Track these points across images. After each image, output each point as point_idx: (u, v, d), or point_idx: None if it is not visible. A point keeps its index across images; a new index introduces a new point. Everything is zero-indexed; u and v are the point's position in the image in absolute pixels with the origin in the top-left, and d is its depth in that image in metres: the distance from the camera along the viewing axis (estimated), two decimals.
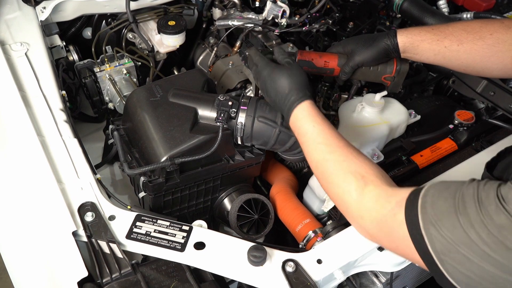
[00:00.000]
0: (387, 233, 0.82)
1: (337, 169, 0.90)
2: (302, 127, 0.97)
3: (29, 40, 1.34)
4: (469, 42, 1.02)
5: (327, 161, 0.92)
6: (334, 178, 0.90)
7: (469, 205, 0.69)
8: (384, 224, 0.81)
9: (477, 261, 0.67)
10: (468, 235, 0.67)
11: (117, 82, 1.48)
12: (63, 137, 1.11)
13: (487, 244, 0.66)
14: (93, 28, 1.63)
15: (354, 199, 0.86)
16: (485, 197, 0.68)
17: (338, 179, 0.89)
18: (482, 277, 0.68)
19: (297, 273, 0.92)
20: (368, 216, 0.84)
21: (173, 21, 1.45)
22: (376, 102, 1.21)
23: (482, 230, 0.66)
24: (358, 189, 0.85)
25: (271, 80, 1.02)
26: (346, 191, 0.87)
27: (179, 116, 1.13)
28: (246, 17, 1.61)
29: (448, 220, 0.70)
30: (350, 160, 0.89)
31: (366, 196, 0.84)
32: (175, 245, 0.94)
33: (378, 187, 0.84)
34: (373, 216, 0.83)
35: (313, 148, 0.95)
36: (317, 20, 1.57)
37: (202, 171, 1.14)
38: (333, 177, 0.90)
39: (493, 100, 1.29)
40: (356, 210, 0.86)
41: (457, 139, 1.29)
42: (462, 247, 0.68)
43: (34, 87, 1.21)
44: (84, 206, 0.98)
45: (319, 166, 0.94)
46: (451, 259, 0.70)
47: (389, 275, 1.08)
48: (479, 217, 0.67)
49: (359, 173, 0.87)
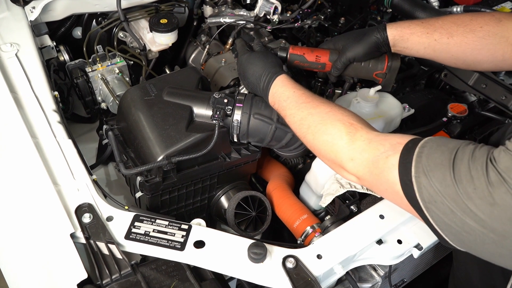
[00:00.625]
0: (376, 175, 0.82)
1: (325, 119, 0.91)
2: (282, 94, 1.00)
3: (19, 40, 1.32)
4: (459, 35, 1.03)
5: (312, 114, 0.94)
6: (322, 127, 0.91)
7: (462, 162, 0.71)
8: (375, 165, 0.82)
9: (460, 215, 0.70)
10: (455, 189, 0.70)
11: (109, 81, 1.47)
12: (57, 138, 1.09)
13: (471, 199, 0.68)
14: (83, 27, 1.61)
15: (345, 141, 0.87)
16: (478, 156, 0.70)
17: (326, 127, 0.91)
18: (463, 229, 0.71)
19: (297, 269, 0.92)
20: (359, 157, 0.85)
21: (165, 19, 1.44)
22: (371, 97, 1.21)
23: (469, 186, 0.69)
24: (349, 133, 0.86)
25: (248, 64, 1.08)
26: (337, 136, 0.88)
27: (174, 115, 1.12)
28: (237, 14, 1.60)
29: (440, 172, 0.72)
30: (335, 111, 0.92)
31: (358, 139, 0.85)
32: (175, 244, 0.93)
33: (370, 132, 0.86)
34: (365, 157, 0.83)
35: (296, 107, 0.97)
36: (309, 16, 1.57)
37: (198, 169, 1.14)
38: (321, 126, 0.91)
39: (485, 93, 1.31)
40: (347, 153, 0.87)
41: (451, 131, 1.30)
42: (448, 200, 0.71)
43: (26, 89, 1.19)
44: (81, 207, 0.97)
45: (304, 122, 0.95)
46: (437, 208, 0.73)
47: (388, 268, 1.09)
48: (469, 173, 0.69)
49: (348, 121, 0.88)
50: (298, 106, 0.97)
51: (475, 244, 0.72)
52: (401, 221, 1.03)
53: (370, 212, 1.05)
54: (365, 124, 0.89)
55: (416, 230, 1.04)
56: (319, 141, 0.92)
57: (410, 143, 0.78)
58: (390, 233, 1.03)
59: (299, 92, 0.99)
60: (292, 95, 0.99)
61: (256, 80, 1.07)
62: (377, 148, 0.82)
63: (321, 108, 0.94)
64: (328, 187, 1.14)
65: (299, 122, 0.97)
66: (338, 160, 0.89)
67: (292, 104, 0.98)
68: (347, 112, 0.92)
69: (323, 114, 0.92)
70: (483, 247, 0.71)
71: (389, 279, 1.11)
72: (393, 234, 1.03)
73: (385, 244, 1.01)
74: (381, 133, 0.87)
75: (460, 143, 0.74)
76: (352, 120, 0.89)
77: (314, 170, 1.20)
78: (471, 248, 0.73)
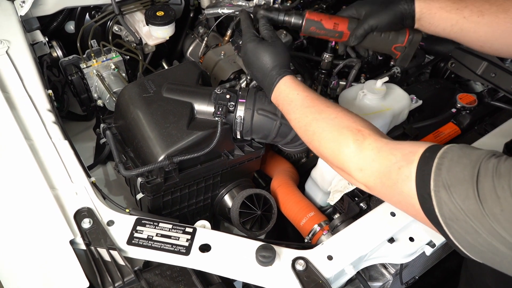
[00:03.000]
0: (389, 186, 0.77)
1: (331, 125, 0.86)
2: (286, 97, 0.95)
3: (9, 37, 1.27)
4: (491, 14, 0.94)
5: (317, 120, 0.89)
6: (328, 134, 0.86)
7: (486, 178, 0.65)
8: (387, 176, 0.77)
9: (485, 236, 0.65)
10: (480, 209, 0.64)
11: (105, 77, 1.42)
12: (53, 140, 1.04)
13: (498, 221, 0.63)
14: (76, 21, 1.56)
15: (352, 151, 0.81)
16: (503, 173, 0.64)
17: (332, 134, 0.85)
18: (488, 249, 0.66)
19: (307, 271, 0.89)
20: (369, 167, 0.80)
21: (161, 11, 1.38)
22: (378, 89, 1.17)
23: (495, 206, 0.63)
24: (357, 141, 0.81)
25: (254, 55, 1.00)
26: (344, 144, 0.83)
27: (174, 112, 1.08)
28: (236, 4, 1.55)
29: (462, 188, 0.66)
30: (342, 117, 0.86)
31: (366, 147, 0.80)
32: (180, 248, 0.90)
33: (378, 140, 0.80)
34: (375, 167, 0.79)
35: (301, 112, 0.92)
36: (310, 4, 1.52)
37: (201, 168, 1.10)
38: (326, 133, 0.86)
39: (495, 82, 1.26)
40: (355, 162, 0.82)
41: (460, 123, 1.26)
42: (472, 219, 0.65)
43: (18, 88, 1.14)
44: (80, 212, 0.93)
45: (309, 128, 0.91)
46: (459, 226, 0.67)
47: (398, 266, 1.06)
48: (494, 192, 0.64)
49: (355, 128, 0.83)
50: (303, 111, 0.92)
51: (501, 263, 0.67)
52: (412, 218, 0.99)
53: (381, 209, 1.01)
54: (374, 131, 0.83)
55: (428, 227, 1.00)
56: (326, 148, 0.87)
57: (427, 152, 0.73)
58: (402, 231, 0.99)
59: (303, 94, 0.93)
60: (296, 97, 0.93)
61: (261, 76, 1.00)
62: (387, 158, 0.77)
63: (327, 113, 0.88)
64: (336, 184, 1.11)
65: (304, 128, 0.92)
66: (346, 169, 0.84)
67: (297, 107, 0.93)
68: (355, 117, 0.87)
69: (329, 120, 0.87)
70: (511, 267, 0.67)
71: (400, 277, 1.09)
72: (404, 231, 1.00)
73: (397, 242, 0.98)
74: (390, 140, 0.81)
75: (482, 155, 0.68)
76: (360, 126, 0.83)
77: (320, 166, 1.17)
78: (496, 265, 0.69)
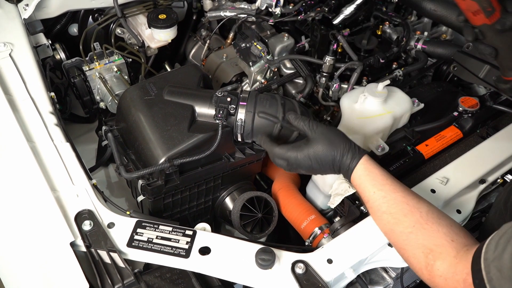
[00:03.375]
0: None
1: (405, 244, 0.87)
2: (363, 193, 0.94)
3: (12, 40, 1.28)
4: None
5: (394, 233, 0.89)
6: (404, 253, 0.88)
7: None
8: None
9: None
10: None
11: (107, 80, 1.42)
12: (55, 142, 1.05)
13: None
14: (79, 24, 1.57)
15: (426, 277, 0.84)
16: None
17: (407, 254, 0.87)
18: None
19: (307, 274, 0.89)
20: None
21: (163, 14, 1.39)
22: (379, 92, 1.17)
23: None
24: (428, 267, 0.83)
25: (316, 160, 0.96)
26: (418, 269, 0.85)
27: (175, 115, 1.08)
28: (238, 7, 1.56)
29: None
30: (417, 231, 0.86)
31: (436, 276, 0.82)
32: (179, 251, 0.90)
33: (445, 261, 0.81)
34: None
35: (379, 217, 0.92)
36: (312, 8, 1.52)
37: (202, 171, 1.10)
38: (403, 251, 0.88)
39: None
40: (431, 285, 0.85)
41: (462, 126, 1.25)
42: None
43: (21, 90, 1.15)
44: (81, 214, 0.93)
45: (387, 235, 0.93)
46: None
47: (399, 270, 1.06)
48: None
49: (427, 247, 0.84)
50: (380, 217, 0.91)
51: None
52: None
53: None
54: (446, 245, 0.83)
55: None
56: (405, 260, 0.90)
57: (476, 279, 0.73)
58: None
59: (379, 194, 0.91)
60: (373, 197, 0.92)
61: (335, 169, 0.98)
62: (455, 287, 0.79)
63: (403, 226, 0.87)
64: (337, 187, 1.10)
65: (383, 232, 0.93)
66: None
67: (374, 210, 0.92)
68: (430, 227, 0.85)
69: (404, 237, 0.87)
70: None
71: (401, 281, 1.08)
72: None
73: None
74: (455, 257, 0.80)
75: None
76: (432, 245, 0.83)
77: None
78: None
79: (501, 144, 1.18)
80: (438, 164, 1.17)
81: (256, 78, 1.44)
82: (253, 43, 1.38)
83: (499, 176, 1.16)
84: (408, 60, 1.53)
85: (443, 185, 1.08)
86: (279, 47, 1.47)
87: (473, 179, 1.11)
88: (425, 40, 1.50)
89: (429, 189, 1.07)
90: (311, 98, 1.47)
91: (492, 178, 1.15)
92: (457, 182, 1.09)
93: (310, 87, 1.40)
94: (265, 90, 1.39)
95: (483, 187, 1.13)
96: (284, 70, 1.49)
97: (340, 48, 1.41)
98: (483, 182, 1.13)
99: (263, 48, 1.38)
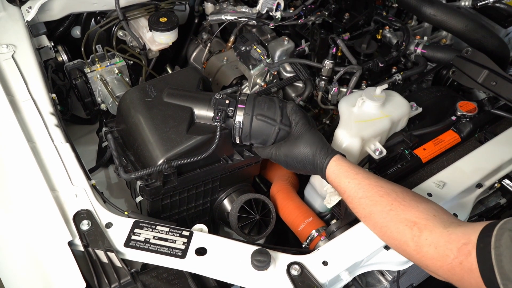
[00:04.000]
0: (458, 280, 0.79)
1: (387, 221, 0.87)
2: (339, 186, 0.97)
3: (15, 41, 1.29)
4: None
5: (373, 214, 0.90)
6: (387, 230, 0.88)
7: None
8: (452, 272, 0.78)
9: None
10: None
11: (109, 82, 1.44)
12: (55, 142, 1.06)
13: None
14: (82, 27, 1.59)
15: (413, 249, 0.83)
16: None
17: (390, 231, 0.87)
18: None
19: (302, 276, 0.90)
20: (432, 265, 0.81)
21: (164, 17, 1.40)
22: (377, 96, 1.17)
23: None
24: (414, 238, 0.83)
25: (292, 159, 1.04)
26: (403, 242, 0.85)
27: (174, 117, 1.09)
28: (239, 11, 1.57)
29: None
30: (396, 208, 0.87)
31: (424, 246, 0.81)
32: (176, 251, 0.91)
33: (433, 231, 0.81)
34: (438, 265, 0.80)
35: (356, 203, 0.93)
36: (312, 12, 1.53)
37: (200, 172, 1.11)
38: (385, 229, 0.88)
39: (495, 90, 1.26)
40: (419, 260, 0.84)
41: (460, 131, 1.26)
42: None
43: (23, 91, 1.16)
44: (80, 214, 0.94)
45: (367, 220, 0.93)
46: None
47: (396, 273, 1.06)
48: None
49: (410, 220, 0.84)
50: (358, 202, 0.93)
51: None
52: None
53: None
54: (429, 217, 0.83)
55: None
56: (390, 243, 0.90)
57: (481, 243, 0.74)
58: None
59: (354, 183, 0.94)
60: (349, 187, 0.94)
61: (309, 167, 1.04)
62: (446, 255, 0.78)
63: (382, 205, 0.89)
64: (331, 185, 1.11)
65: (363, 219, 0.95)
66: (416, 264, 0.87)
67: (351, 198, 0.94)
68: (408, 203, 0.87)
69: (385, 214, 0.88)
70: None
71: (397, 284, 1.08)
72: None
73: (393, 250, 0.98)
74: (445, 225, 0.81)
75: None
76: (414, 217, 0.84)
77: None
78: None
79: (498, 149, 1.18)
80: (435, 168, 1.17)
81: (256, 81, 1.45)
82: (253, 46, 1.39)
83: (496, 181, 1.16)
84: (408, 65, 1.54)
85: (439, 189, 1.08)
86: (279, 50, 1.48)
87: (470, 183, 1.11)
88: (424, 45, 1.50)
89: (426, 192, 1.07)
90: (311, 101, 1.48)
91: (489, 183, 1.15)
92: (454, 186, 1.09)
93: (310, 91, 1.41)
94: (265, 93, 1.40)
95: (480, 191, 1.13)
96: (284, 74, 1.50)
97: (339, 52, 1.42)
98: (480, 186, 1.13)
99: (263, 51, 1.39)
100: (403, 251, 0.87)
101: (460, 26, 1.41)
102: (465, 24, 1.40)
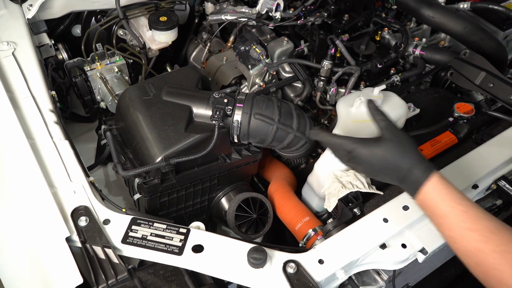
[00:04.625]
0: None
1: (500, 264, 0.77)
2: (437, 209, 0.84)
3: (16, 39, 1.30)
4: None
5: (482, 252, 0.79)
6: (499, 275, 0.77)
7: None
8: None
9: None
10: None
11: (108, 80, 1.45)
12: (54, 139, 1.07)
13: None
14: (83, 25, 1.59)
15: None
16: None
17: (504, 275, 0.76)
18: None
19: (298, 274, 0.90)
20: None
21: (164, 16, 1.41)
22: (375, 96, 1.17)
23: None
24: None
25: (379, 162, 0.88)
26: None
27: (173, 115, 1.10)
28: (239, 11, 1.57)
29: None
30: (502, 261, 0.76)
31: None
32: (173, 248, 0.91)
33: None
34: None
35: (459, 234, 0.81)
36: (312, 13, 1.54)
37: (198, 170, 1.11)
38: (497, 273, 0.77)
39: (493, 92, 1.26)
40: None
41: (457, 132, 1.26)
42: None
43: (23, 88, 1.17)
44: (78, 210, 0.95)
45: (471, 255, 0.81)
46: None
47: (391, 273, 1.07)
48: None
49: None
50: (462, 233, 0.81)
51: None
52: (405, 225, 1.00)
53: (374, 215, 1.02)
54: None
55: (421, 234, 1.01)
56: (498, 281, 0.78)
57: None
58: (394, 237, 1.00)
59: (459, 209, 0.82)
60: (452, 213, 0.82)
61: (398, 180, 0.89)
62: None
63: (493, 244, 0.78)
64: (329, 186, 1.11)
65: (463, 253, 0.82)
66: None
67: (452, 226, 0.82)
68: None
69: (497, 256, 0.77)
70: None
71: (393, 284, 1.09)
72: (397, 238, 1.00)
73: (389, 249, 0.99)
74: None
75: None
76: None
77: (316, 171, 1.18)
78: None
79: (495, 150, 1.18)
80: None
81: (255, 81, 1.45)
82: (252, 46, 1.40)
83: (492, 182, 1.17)
84: (406, 66, 1.54)
85: None
86: (278, 51, 1.49)
87: (466, 184, 1.12)
88: (423, 47, 1.51)
89: None
90: (309, 101, 1.48)
91: (485, 184, 1.16)
92: None
93: (308, 91, 1.41)
94: (264, 93, 1.41)
95: (476, 192, 1.14)
96: (283, 74, 1.50)
97: (338, 52, 1.43)
98: (476, 187, 1.14)
99: (262, 51, 1.39)
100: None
101: (458, 28, 1.41)
102: (464, 27, 1.41)
